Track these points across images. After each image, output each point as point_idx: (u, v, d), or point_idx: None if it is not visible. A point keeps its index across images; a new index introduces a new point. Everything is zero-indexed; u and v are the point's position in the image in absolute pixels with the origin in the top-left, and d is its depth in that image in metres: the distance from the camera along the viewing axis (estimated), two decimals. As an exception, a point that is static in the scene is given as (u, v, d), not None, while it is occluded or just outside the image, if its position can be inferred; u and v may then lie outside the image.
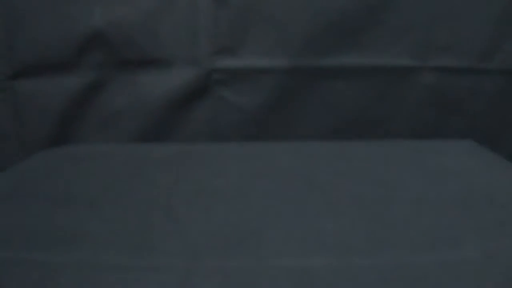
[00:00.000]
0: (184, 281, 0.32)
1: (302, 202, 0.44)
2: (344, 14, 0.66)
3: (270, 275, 0.33)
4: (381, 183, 0.49)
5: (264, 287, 0.32)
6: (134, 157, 0.56)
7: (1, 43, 0.65)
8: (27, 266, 0.33)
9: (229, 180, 0.48)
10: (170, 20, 0.65)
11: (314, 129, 0.72)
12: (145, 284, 0.32)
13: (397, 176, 0.52)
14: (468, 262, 0.34)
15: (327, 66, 0.69)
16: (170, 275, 0.33)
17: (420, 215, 0.42)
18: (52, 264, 0.34)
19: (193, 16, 0.66)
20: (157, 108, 0.69)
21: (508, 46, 0.68)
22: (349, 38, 0.67)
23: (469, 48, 0.69)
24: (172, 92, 0.69)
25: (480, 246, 0.37)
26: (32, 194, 0.44)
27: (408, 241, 0.37)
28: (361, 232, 0.39)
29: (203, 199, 0.44)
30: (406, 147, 0.62)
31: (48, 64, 0.66)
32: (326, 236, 0.38)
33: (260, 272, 0.33)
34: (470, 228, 0.40)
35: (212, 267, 0.34)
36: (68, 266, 0.33)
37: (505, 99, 0.71)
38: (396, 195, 0.46)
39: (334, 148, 0.61)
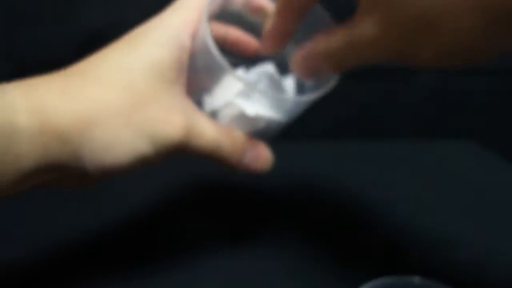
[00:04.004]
0: (184, 281, 0.32)
1: (302, 201, 0.44)
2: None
3: (269, 275, 0.33)
4: (380, 183, 0.49)
5: (264, 287, 0.32)
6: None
7: (1, 42, 0.65)
8: (27, 266, 0.33)
9: (229, 180, 0.48)
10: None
11: (314, 129, 0.72)
12: (144, 285, 0.32)
13: (397, 176, 0.52)
14: (469, 262, 0.34)
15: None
16: (169, 275, 0.33)
17: (420, 215, 0.42)
18: (51, 264, 0.34)
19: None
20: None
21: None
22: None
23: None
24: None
25: (481, 246, 0.37)
26: (32, 194, 0.44)
27: (408, 242, 0.37)
28: (360, 232, 0.39)
29: (203, 199, 0.44)
30: (406, 147, 0.62)
31: (48, 64, 0.66)
32: (325, 236, 0.38)
33: (260, 272, 0.33)
34: (470, 228, 0.40)
35: (212, 267, 0.34)
36: (67, 266, 0.33)
37: (505, 99, 0.71)
38: (395, 195, 0.46)
39: (334, 148, 0.61)
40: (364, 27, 0.22)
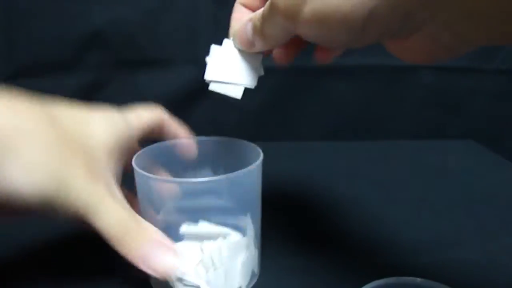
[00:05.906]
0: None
1: (302, 202, 0.44)
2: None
3: (269, 275, 0.33)
4: (381, 183, 0.49)
5: (264, 286, 0.32)
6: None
7: (1, 43, 0.65)
8: (27, 266, 0.33)
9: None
10: (170, 20, 0.65)
11: (314, 129, 0.72)
12: (142, 284, 0.32)
13: (397, 176, 0.52)
14: (469, 262, 0.34)
15: (327, 66, 0.69)
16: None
17: (420, 215, 0.42)
18: (46, 264, 0.34)
19: (193, 16, 0.66)
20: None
21: (509, 46, 0.68)
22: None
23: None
24: (172, 92, 0.69)
25: (481, 246, 0.37)
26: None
27: (408, 242, 0.37)
28: (361, 232, 0.39)
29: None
30: (406, 147, 0.62)
31: (48, 64, 0.66)
32: (325, 236, 0.38)
33: (259, 272, 0.33)
34: (470, 228, 0.40)
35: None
36: (67, 265, 0.33)
37: (505, 99, 0.71)
38: (396, 195, 0.46)
39: (334, 148, 0.61)
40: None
